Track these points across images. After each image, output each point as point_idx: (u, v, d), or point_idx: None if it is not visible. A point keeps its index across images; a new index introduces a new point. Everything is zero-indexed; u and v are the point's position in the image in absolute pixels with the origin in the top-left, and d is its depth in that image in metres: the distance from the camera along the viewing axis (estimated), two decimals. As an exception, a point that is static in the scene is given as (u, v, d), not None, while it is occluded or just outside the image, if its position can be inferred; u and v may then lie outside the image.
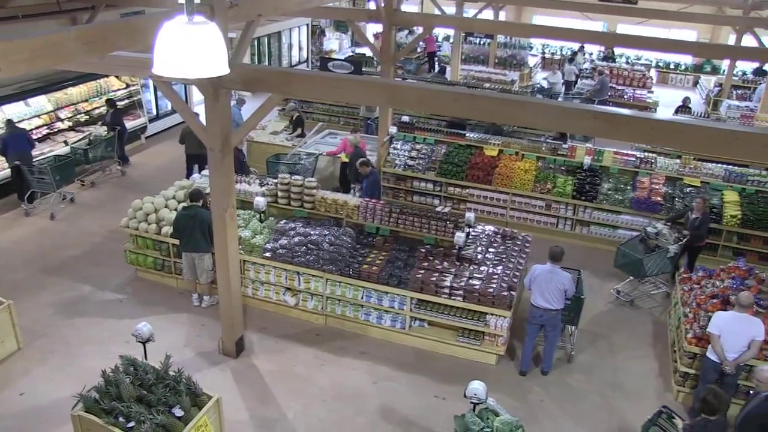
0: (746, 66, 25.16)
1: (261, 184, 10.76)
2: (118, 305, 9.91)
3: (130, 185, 14.22)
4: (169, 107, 17.28)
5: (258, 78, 7.46)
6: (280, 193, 10.35)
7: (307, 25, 25.41)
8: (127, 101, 16.35)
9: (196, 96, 17.46)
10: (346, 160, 13.02)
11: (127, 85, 16.46)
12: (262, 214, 10.12)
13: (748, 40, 18.94)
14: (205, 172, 11.52)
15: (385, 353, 9.18)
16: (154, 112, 17.43)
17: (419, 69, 23.69)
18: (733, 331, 7.74)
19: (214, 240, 8.40)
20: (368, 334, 9.52)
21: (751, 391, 7.50)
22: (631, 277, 10.89)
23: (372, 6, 13.69)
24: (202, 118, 7.74)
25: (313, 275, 9.44)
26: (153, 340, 7.08)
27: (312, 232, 9.66)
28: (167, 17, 4.68)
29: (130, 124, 15.88)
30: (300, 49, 25.40)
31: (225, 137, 7.64)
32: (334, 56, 23.46)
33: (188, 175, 13.19)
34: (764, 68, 23.30)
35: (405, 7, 14.20)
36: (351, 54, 24.60)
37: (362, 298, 9.31)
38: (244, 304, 9.37)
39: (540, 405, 8.42)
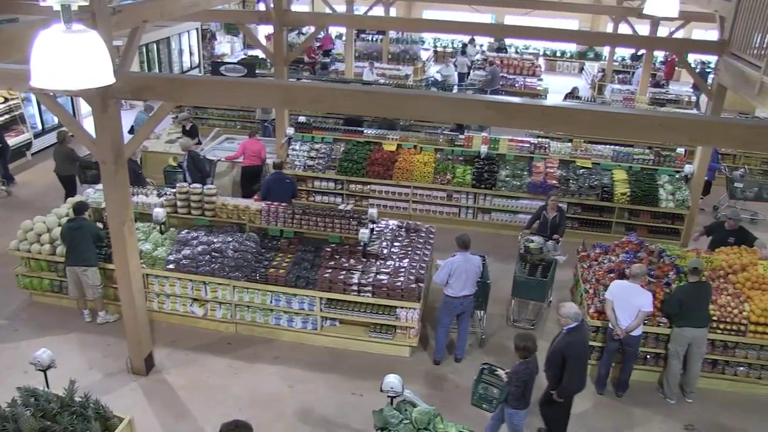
0: (625, 52, 26.54)
1: (159, 195, 10.46)
2: (13, 333, 9.38)
3: (17, 205, 13.49)
4: (57, 121, 16.51)
5: (147, 86, 7.26)
6: (179, 203, 10.08)
7: (197, 29, 24.86)
8: (7, 116, 15.49)
9: (86, 107, 16.76)
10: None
11: (6, 99, 15.61)
12: (162, 226, 9.84)
13: (624, 28, 19.97)
14: (99, 186, 11.07)
15: (299, 355, 9.13)
16: (39, 127, 16.58)
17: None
18: (624, 299, 8.24)
19: (114, 256, 8.11)
20: (280, 338, 9.45)
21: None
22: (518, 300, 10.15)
23: (262, 7, 13.50)
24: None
25: (219, 284, 9.26)
26: (54, 367, 6.73)
27: (215, 240, 9.49)
28: (43, 26, 4.48)
29: (12, 140, 15.08)
30: (191, 54, 24.83)
31: (117, 149, 7.38)
32: (226, 60, 23.06)
33: (67, 196, 12.37)
34: (639, 53, 24.51)
35: (295, 7, 14.12)
36: (244, 57, 24.27)
37: (271, 302, 9.23)
38: (150, 319, 9.13)
39: (456, 391, 8.58)
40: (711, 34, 11.82)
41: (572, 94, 19.42)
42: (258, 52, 23.33)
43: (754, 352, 8.69)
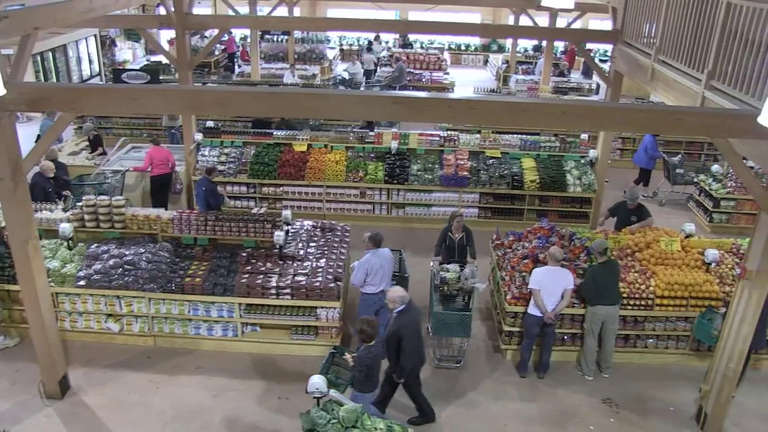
0: (527, 43, 27.26)
1: (65, 210, 10.09)
2: None
3: None
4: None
5: (43, 96, 6.95)
6: (87, 216, 9.72)
7: (96, 35, 24.01)
8: None
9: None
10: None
11: None
12: (69, 241, 9.49)
13: (525, 20, 20.56)
14: None
15: (221, 364, 9.00)
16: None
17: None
18: (550, 284, 8.52)
19: (18, 277, 7.75)
20: (201, 347, 9.28)
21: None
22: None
23: (162, 11, 13.17)
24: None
25: (134, 297, 9.02)
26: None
27: (127, 253, 9.23)
28: None
29: None
30: (90, 62, 23.95)
31: (14, 164, 7.06)
32: (128, 67, 22.43)
33: None
34: (540, 44, 25.25)
35: (197, 10, 13.86)
36: (146, 63, 23.64)
37: (189, 312, 9.06)
38: (63, 339, 8.78)
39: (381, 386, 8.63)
40: (607, 24, 12.38)
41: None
42: (161, 58, 22.79)
43: (662, 324, 9.20)
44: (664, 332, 9.23)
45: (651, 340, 9.31)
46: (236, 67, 24.77)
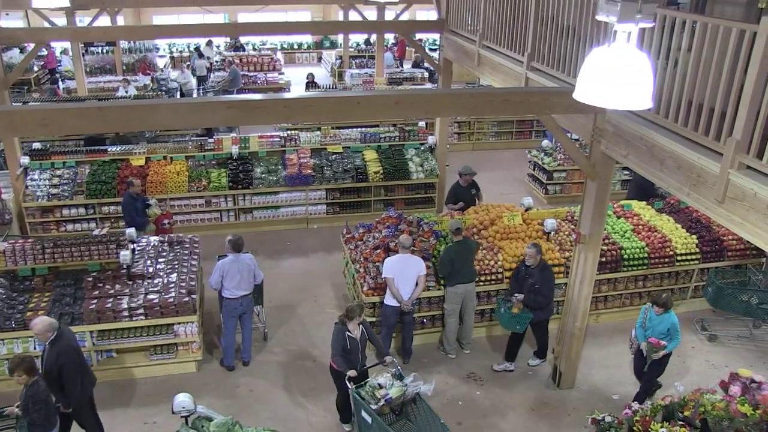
0: (358, 38, 27.71)
1: None
2: None
3: None
4: None
5: None
6: None
7: None
8: None
9: None
10: None
11: None
12: None
13: (354, 15, 20.90)
14: None
15: (77, 397, 8.52)
16: None
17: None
18: (403, 271, 8.71)
19: None
20: (52, 383, 8.74)
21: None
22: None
23: (-38, 26, 12.10)
24: None
25: (-33, 341, 8.34)
26: None
27: (-45, 294, 8.54)
28: None
29: None
30: None
31: None
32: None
33: None
34: (369, 37, 25.78)
35: (6, 23, 12.95)
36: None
37: (35, 348, 8.46)
38: None
39: (251, 395, 8.59)
40: (433, 14, 12.91)
41: (311, 81, 19.99)
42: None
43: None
44: (515, 303, 9.78)
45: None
46: (60, 83, 23.39)
